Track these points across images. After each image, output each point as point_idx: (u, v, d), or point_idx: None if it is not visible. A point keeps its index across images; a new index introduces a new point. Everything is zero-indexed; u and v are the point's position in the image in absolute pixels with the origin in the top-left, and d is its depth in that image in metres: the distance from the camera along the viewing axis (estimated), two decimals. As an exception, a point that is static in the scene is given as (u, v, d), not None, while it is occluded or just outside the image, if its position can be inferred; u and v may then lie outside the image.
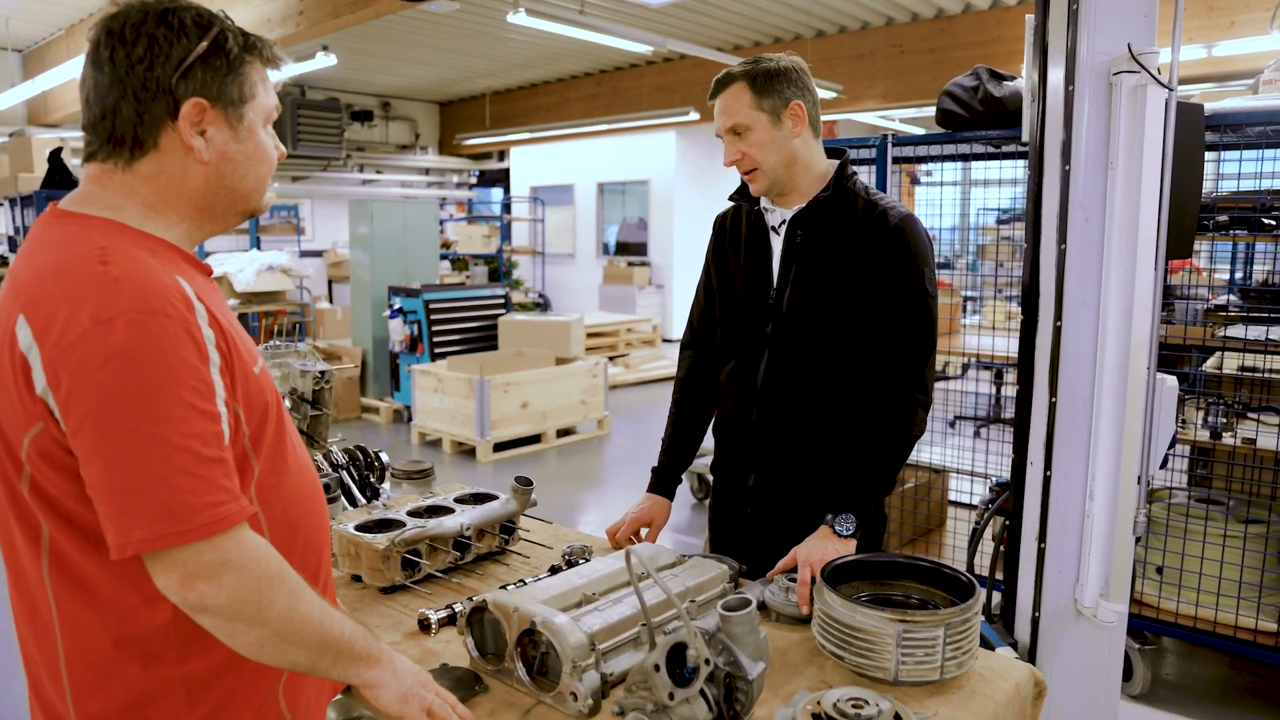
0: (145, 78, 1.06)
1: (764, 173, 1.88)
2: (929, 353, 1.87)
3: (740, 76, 1.84)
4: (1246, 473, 3.11)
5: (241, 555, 1.00)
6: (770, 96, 1.82)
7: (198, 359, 1.00)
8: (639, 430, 7.60)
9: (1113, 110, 2.03)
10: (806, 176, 1.91)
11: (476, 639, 1.45)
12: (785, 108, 1.83)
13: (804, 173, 1.90)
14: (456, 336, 7.57)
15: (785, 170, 1.88)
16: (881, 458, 1.85)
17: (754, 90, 1.82)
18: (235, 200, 1.18)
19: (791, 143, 1.85)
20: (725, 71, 1.87)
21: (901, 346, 1.85)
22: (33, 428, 1.00)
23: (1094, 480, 2.14)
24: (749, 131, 1.84)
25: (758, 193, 1.94)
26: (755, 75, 1.83)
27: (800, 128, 1.85)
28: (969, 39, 8.90)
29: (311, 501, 1.23)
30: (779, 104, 1.83)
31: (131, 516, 0.95)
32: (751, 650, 1.23)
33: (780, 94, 1.82)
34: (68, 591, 1.06)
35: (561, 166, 14.56)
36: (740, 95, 1.84)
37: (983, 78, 3.02)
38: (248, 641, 1.02)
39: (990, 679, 1.42)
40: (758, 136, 1.84)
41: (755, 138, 1.84)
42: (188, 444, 0.97)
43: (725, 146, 1.91)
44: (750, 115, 1.83)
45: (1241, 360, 3.44)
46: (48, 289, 1.00)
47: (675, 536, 5.08)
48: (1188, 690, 3.15)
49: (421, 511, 1.88)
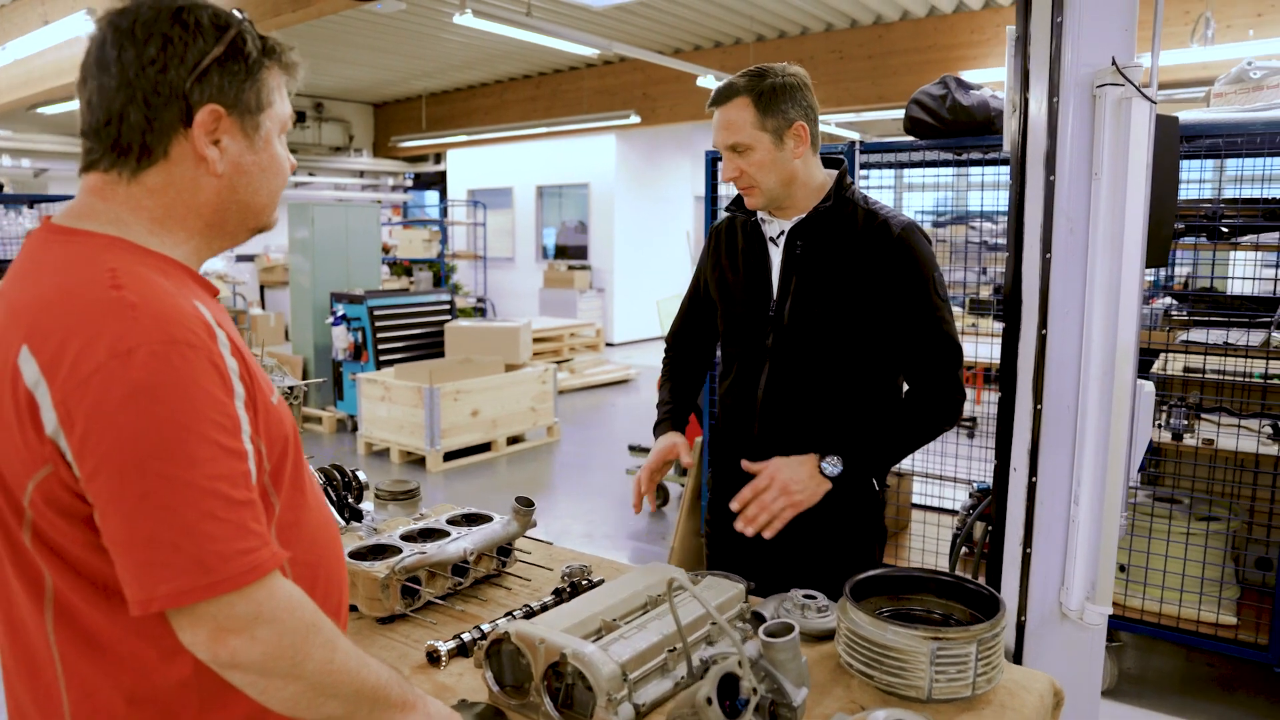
0: (157, 81, 0.97)
1: (761, 191, 1.85)
2: (958, 356, 1.89)
3: (745, 91, 1.79)
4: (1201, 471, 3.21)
5: (275, 606, 0.92)
6: (774, 116, 1.78)
7: (222, 392, 0.93)
8: (588, 436, 7.54)
9: (1096, 122, 2.06)
10: (804, 191, 1.88)
11: (494, 671, 1.39)
12: (789, 128, 1.80)
13: (802, 188, 1.88)
14: (402, 344, 7.41)
15: (783, 189, 1.85)
16: (900, 426, 1.86)
17: (758, 109, 1.78)
18: (247, 216, 1.09)
19: (793, 163, 1.82)
20: (729, 82, 1.82)
21: (930, 358, 1.85)
22: (39, 472, 0.90)
23: (1079, 485, 2.17)
24: (750, 151, 1.81)
25: (753, 207, 1.91)
26: (761, 92, 1.78)
27: (802, 149, 1.82)
28: (906, 45, 9.07)
29: (330, 537, 1.16)
30: (782, 124, 1.79)
31: (156, 569, 0.86)
32: (794, 676, 1.20)
33: (784, 114, 1.79)
34: (76, 648, 0.96)
35: (500, 169, 14.41)
36: (743, 113, 1.79)
37: (951, 86, 3.06)
38: (282, 697, 0.94)
39: (1016, 692, 1.42)
40: (759, 157, 1.80)
41: (756, 158, 1.81)
42: (215, 486, 0.89)
43: (724, 161, 1.86)
44: (752, 135, 1.79)
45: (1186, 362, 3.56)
46: (54, 317, 0.90)
47: (633, 544, 5.04)
48: (1150, 684, 3.24)
49: (415, 535, 1.80)
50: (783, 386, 1.92)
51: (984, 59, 8.55)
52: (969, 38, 8.71)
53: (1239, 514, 3.16)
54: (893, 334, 1.86)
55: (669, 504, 5.59)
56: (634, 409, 8.74)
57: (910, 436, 1.89)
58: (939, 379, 1.87)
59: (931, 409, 1.88)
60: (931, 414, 1.88)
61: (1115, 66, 1.99)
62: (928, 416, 1.88)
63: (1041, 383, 2.17)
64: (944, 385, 1.87)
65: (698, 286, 2.13)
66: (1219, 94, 3.05)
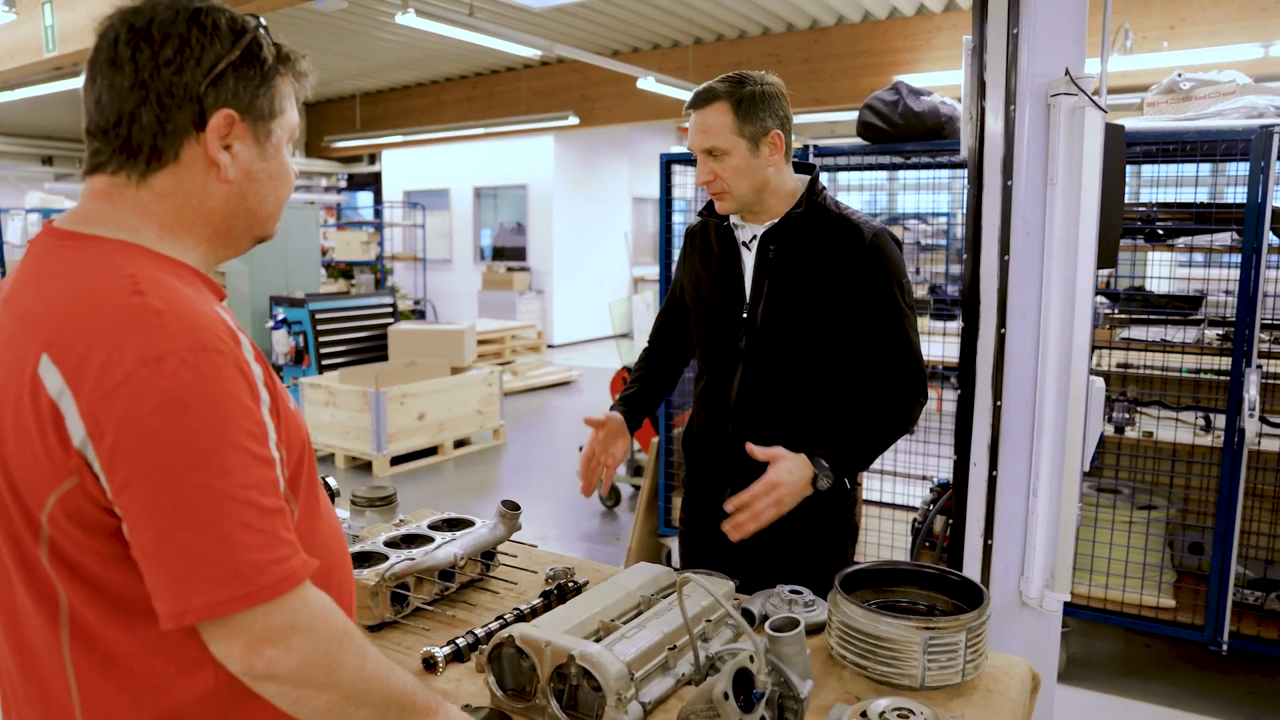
0: (172, 82, 0.95)
1: (733, 197, 1.88)
2: (917, 363, 1.93)
3: (725, 96, 1.81)
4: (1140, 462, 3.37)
5: (310, 615, 0.91)
6: (752, 123, 1.81)
7: (250, 399, 0.92)
8: (534, 438, 7.52)
9: (1051, 129, 2.15)
10: (775, 197, 1.92)
11: (496, 675, 1.39)
12: (765, 136, 1.83)
13: (773, 194, 1.91)
14: (344, 347, 7.28)
15: (755, 195, 1.89)
16: (874, 431, 1.90)
17: (737, 115, 1.80)
18: (253, 224, 1.08)
19: (766, 170, 1.85)
20: (708, 86, 1.84)
21: (891, 363, 1.89)
22: (62, 485, 0.88)
23: (1038, 478, 2.26)
24: (726, 156, 1.83)
25: (724, 212, 1.94)
26: (740, 99, 1.80)
27: (777, 157, 1.86)
28: (842, 50, 9.26)
29: (340, 543, 1.16)
30: (759, 132, 1.82)
31: (191, 581, 0.85)
32: (800, 669, 1.23)
33: (762, 122, 1.82)
34: (93, 668, 0.94)
35: (436, 170, 14.25)
36: (722, 117, 1.81)
37: (902, 92, 3.15)
38: (314, 707, 0.93)
39: (1000, 678, 1.48)
40: (734, 162, 1.83)
41: (732, 163, 1.83)
42: (248, 495, 0.88)
43: (699, 165, 1.89)
44: (730, 140, 1.81)
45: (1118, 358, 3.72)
46: (76, 324, 0.88)
47: (587, 545, 5.05)
48: (1094, 666, 3.38)
49: (398, 541, 1.79)
50: (755, 387, 1.96)
51: (917, 64, 8.79)
52: (903, 43, 8.93)
53: (1174, 502, 3.33)
54: (859, 337, 1.90)
55: (620, 504, 5.61)
56: (578, 410, 8.73)
57: (882, 441, 1.94)
58: (901, 383, 1.91)
59: (895, 413, 1.92)
60: (896, 418, 1.93)
61: (1069, 76, 2.09)
62: (893, 420, 1.93)
63: (1001, 380, 2.26)
64: (907, 389, 1.92)
65: (675, 290, 2.16)
66: (1151, 103, 3.20)
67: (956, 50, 9.06)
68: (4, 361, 0.92)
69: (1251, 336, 2.86)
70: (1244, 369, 2.88)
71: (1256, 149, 2.78)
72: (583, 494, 2.06)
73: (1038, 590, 2.27)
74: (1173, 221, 3.11)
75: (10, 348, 0.92)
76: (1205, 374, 3.33)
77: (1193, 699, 3.13)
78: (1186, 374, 3.37)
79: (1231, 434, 2.94)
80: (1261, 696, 3.15)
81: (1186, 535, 3.42)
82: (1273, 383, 3.17)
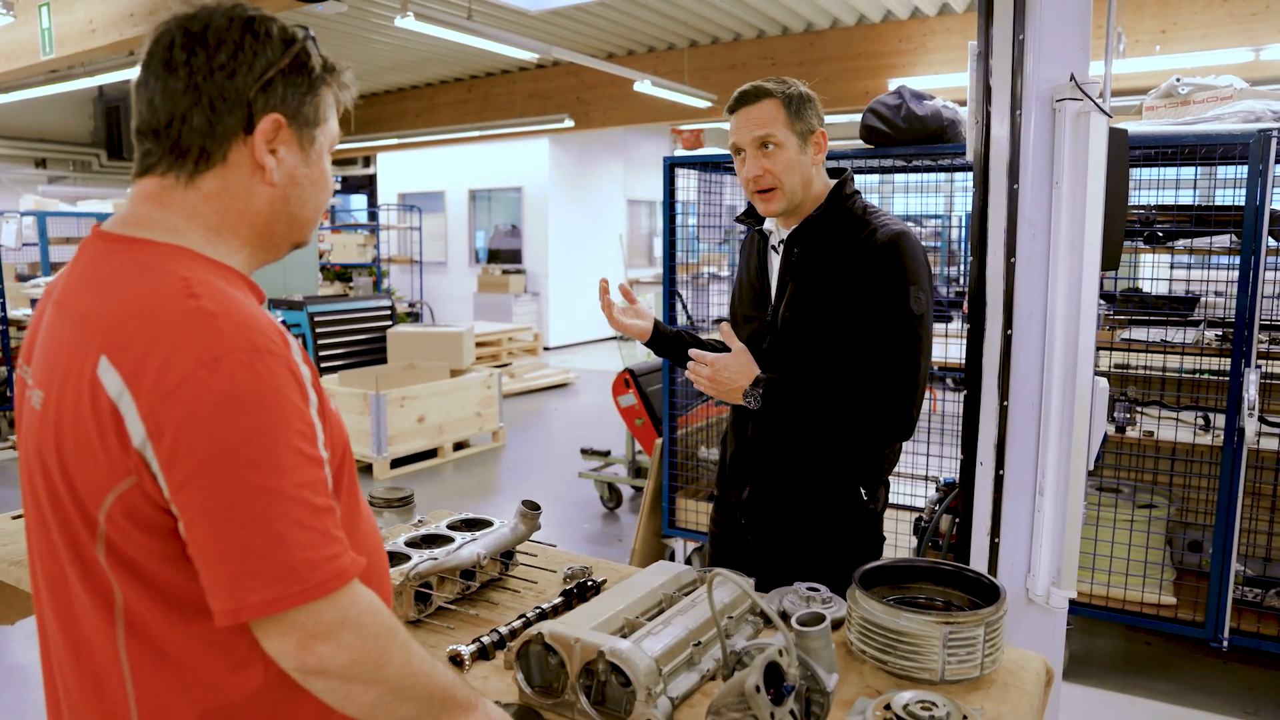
0: (224, 86, 0.98)
1: (784, 193, 1.88)
2: (913, 373, 1.83)
3: (775, 94, 1.84)
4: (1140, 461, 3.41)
5: (359, 611, 0.94)
6: (802, 120, 1.85)
7: (300, 400, 0.94)
8: (532, 440, 7.53)
9: (1057, 134, 2.18)
10: (810, 199, 1.95)
11: (523, 672, 1.41)
12: (812, 134, 1.87)
13: (812, 197, 1.94)
14: (343, 350, 7.30)
15: (803, 192, 1.91)
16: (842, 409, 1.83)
17: (788, 110, 1.84)
18: (294, 229, 1.11)
19: (810, 169, 1.89)
20: (754, 85, 1.87)
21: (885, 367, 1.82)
22: (121, 484, 0.90)
23: (1044, 476, 2.29)
24: (780, 149, 1.85)
25: (771, 213, 1.94)
26: (790, 97, 1.84)
27: (820, 157, 1.90)
28: (837, 53, 9.32)
29: (379, 542, 1.18)
30: (807, 129, 1.87)
31: (247, 579, 0.87)
32: (826, 663, 1.26)
33: (809, 120, 1.86)
34: (148, 663, 0.96)
35: (431, 173, 14.25)
36: (775, 111, 1.84)
37: (905, 96, 3.19)
38: (361, 702, 0.95)
39: (1016, 671, 1.51)
40: (788, 156, 1.85)
41: (785, 157, 1.85)
42: (301, 494, 0.90)
43: (748, 160, 1.88)
44: (784, 134, 1.85)
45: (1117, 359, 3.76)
46: (134, 327, 0.90)
47: (589, 547, 5.07)
48: (1095, 664, 3.42)
49: (418, 541, 1.82)
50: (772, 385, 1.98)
51: (911, 67, 8.84)
52: (897, 46, 8.99)
53: (1174, 501, 3.37)
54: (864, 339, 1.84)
55: (621, 505, 5.64)
56: (575, 413, 8.76)
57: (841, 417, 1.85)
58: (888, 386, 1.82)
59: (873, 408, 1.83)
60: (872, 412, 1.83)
61: (1074, 81, 2.12)
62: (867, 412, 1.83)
63: (1008, 380, 2.30)
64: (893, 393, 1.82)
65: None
66: (1150, 107, 3.24)
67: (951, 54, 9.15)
68: (62, 363, 0.94)
69: (1251, 337, 2.91)
70: (1244, 369, 2.92)
71: (1255, 152, 2.83)
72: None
73: (1045, 587, 2.31)
74: (1171, 224, 3.15)
75: (68, 349, 0.94)
76: (1204, 374, 3.37)
77: (1194, 694, 3.17)
78: (1186, 375, 3.41)
79: (1231, 433, 2.99)
80: (1262, 691, 3.19)
81: (1186, 533, 3.47)
82: (1272, 382, 3.22)
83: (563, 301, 13.45)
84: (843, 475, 1.97)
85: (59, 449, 0.93)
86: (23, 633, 3.48)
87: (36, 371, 1.00)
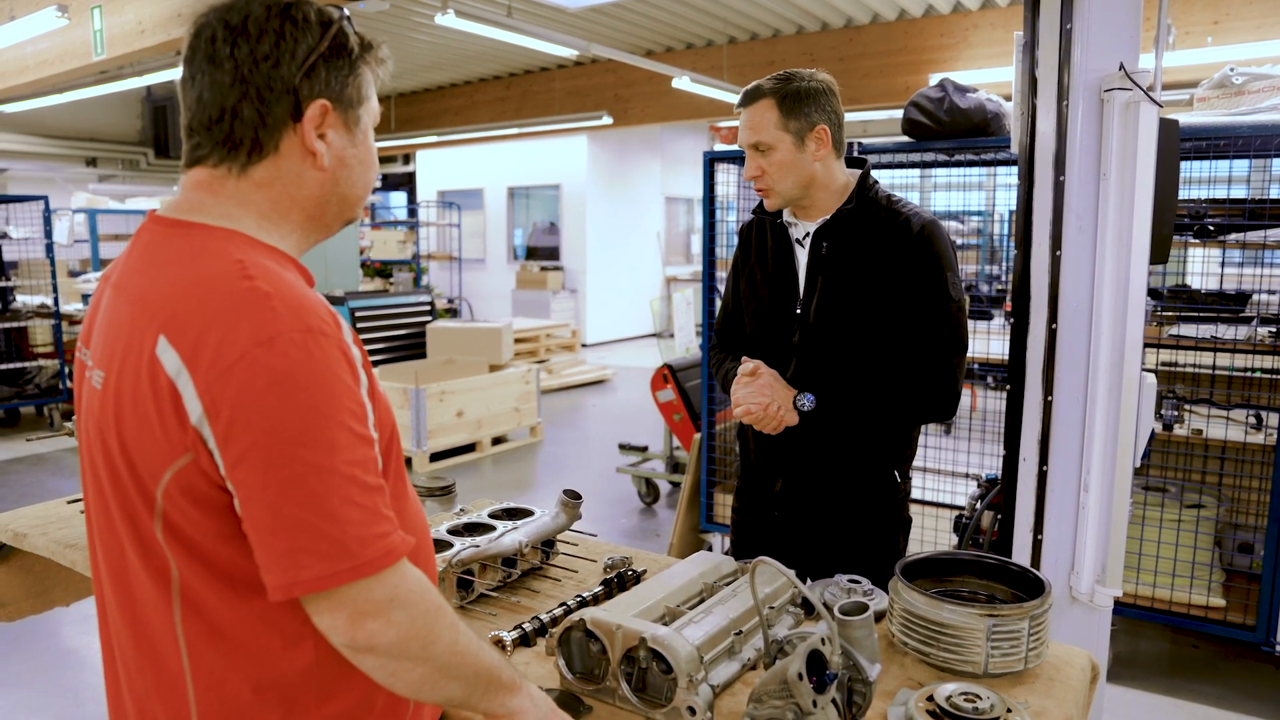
0: (270, 76, 1.00)
1: (778, 194, 1.92)
2: (959, 354, 1.92)
3: (769, 93, 1.86)
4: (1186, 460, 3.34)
5: (409, 589, 0.95)
6: (797, 119, 1.85)
7: (352, 380, 0.96)
8: (570, 436, 7.57)
9: (1104, 124, 2.15)
10: (825, 193, 1.95)
11: (565, 659, 1.43)
12: (810, 131, 1.87)
13: (822, 190, 1.94)
14: (383, 345, 7.38)
15: (801, 191, 1.92)
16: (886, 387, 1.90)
17: (781, 110, 1.85)
18: (344, 208, 1.12)
19: (813, 165, 1.89)
20: (755, 84, 1.89)
21: (931, 351, 1.89)
22: (178, 461, 0.93)
23: (1089, 473, 2.26)
24: (771, 151, 1.88)
25: (771, 209, 1.99)
26: (784, 95, 1.85)
27: (824, 151, 1.89)
28: (877, 48, 9.23)
29: (424, 524, 1.20)
30: (804, 127, 1.86)
31: (300, 555, 0.89)
32: (868, 653, 1.26)
33: (807, 117, 1.86)
34: (203, 638, 0.98)
35: (470, 170, 14.37)
36: (767, 113, 1.86)
37: (948, 89, 3.15)
38: (409, 680, 0.97)
39: (1060, 666, 1.49)
40: (779, 157, 1.87)
41: (777, 158, 1.87)
42: (353, 472, 0.92)
43: (747, 160, 1.93)
44: (774, 135, 1.86)
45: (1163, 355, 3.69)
46: (191, 307, 0.92)
47: (626, 542, 5.09)
48: (1141, 666, 3.36)
49: (460, 530, 1.84)
50: (807, 382, 1.98)
51: (952, 62, 8.73)
52: (938, 41, 8.88)
53: (1223, 501, 3.30)
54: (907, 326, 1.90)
55: (659, 500, 5.64)
56: (612, 409, 8.78)
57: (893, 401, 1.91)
58: (936, 367, 1.90)
59: (923, 389, 1.91)
60: (922, 394, 1.91)
61: (1123, 71, 2.08)
62: (918, 394, 1.91)
63: (1052, 375, 2.26)
64: (940, 374, 1.90)
65: (735, 286, 2.19)
66: (1202, 98, 3.17)
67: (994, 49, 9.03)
68: (122, 343, 0.97)
69: (1306, 333, 2.83)
70: (1297, 366, 2.85)
71: (1312, 144, 2.76)
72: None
73: (1089, 585, 2.27)
74: (1223, 217, 3.08)
75: (127, 330, 0.96)
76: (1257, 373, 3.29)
77: (1242, 699, 3.10)
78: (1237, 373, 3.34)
79: (1284, 432, 2.92)
80: (1314, 698, 3.12)
81: (1236, 535, 3.39)
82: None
83: (600, 298, 13.48)
84: (879, 460, 2.01)
85: (119, 427, 0.96)
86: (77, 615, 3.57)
87: (96, 352, 1.03)
